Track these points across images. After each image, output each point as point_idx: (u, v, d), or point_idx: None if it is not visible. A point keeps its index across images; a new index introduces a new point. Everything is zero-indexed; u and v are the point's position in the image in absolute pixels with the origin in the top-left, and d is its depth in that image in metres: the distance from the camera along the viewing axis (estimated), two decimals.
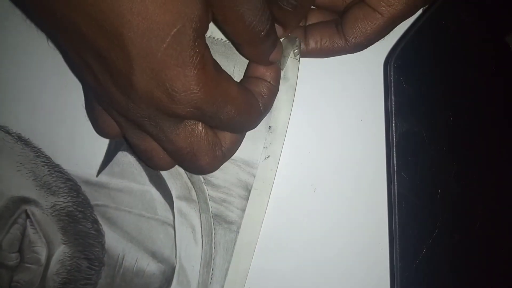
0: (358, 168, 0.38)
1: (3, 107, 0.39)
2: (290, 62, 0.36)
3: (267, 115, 0.36)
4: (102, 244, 0.38)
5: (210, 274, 0.38)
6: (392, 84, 0.34)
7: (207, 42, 0.36)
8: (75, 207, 0.38)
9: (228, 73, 0.36)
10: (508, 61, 0.35)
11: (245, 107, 0.31)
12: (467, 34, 0.35)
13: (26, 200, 0.38)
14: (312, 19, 0.37)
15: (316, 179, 0.38)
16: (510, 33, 0.35)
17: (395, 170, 0.34)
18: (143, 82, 0.26)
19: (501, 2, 0.36)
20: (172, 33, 0.25)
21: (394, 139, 0.34)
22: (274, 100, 0.35)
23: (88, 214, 0.38)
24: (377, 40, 0.35)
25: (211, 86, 0.27)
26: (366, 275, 0.37)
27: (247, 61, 0.37)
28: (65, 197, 0.38)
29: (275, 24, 0.34)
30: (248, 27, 0.29)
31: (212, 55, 0.29)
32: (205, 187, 0.38)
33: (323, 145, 0.38)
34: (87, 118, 0.37)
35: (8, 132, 0.39)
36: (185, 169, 0.37)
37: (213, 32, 0.37)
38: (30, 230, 0.38)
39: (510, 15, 0.36)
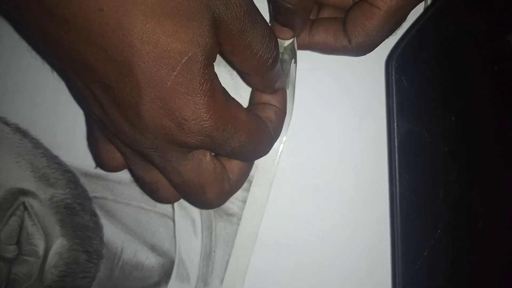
0: (359, 168, 0.38)
1: (1, 98, 0.38)
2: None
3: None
4: (100, 237, 0.38)
5: (210, 267, 0.38)
6: (394, 83, 0.34)
7: None
8: (73, 199, 0.38)
9: (229, 73, 0.36)
10: (509, 61, 0.35)
11: (255, 133, 0.30)
12: (468, 33, 0.35)
13: (24, 192, 0.38)
14: (324, 15, 0.36)
15: (317, 179, 0.38)
16: (511, 32, 0.36)
17: (396, 170, 0.34)
18: (152, 112, 0.25)
19: (501, 1, 0.36)
20: (183, 61, 0.25)
21: (395, 138, 0.34)
22: (283, 124, 0.34)
23: (87, 207, 0.38)
24: (380, 40, 0.34)
25: (221, 113, 0.27)
26: (367, 276, 0.37)
27: None
28: (64, 189, 0.38)
29: (283, 28, 0.34)
30: (256, 56, 0.29)
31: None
32: None
33: (324, 145, 0.38)
34: None
35: (6, 123, 0.38)
36: (191, 202, 0.36)
37: None
38: (28, 222, 0.37)
39: (511, 14, 0.36)
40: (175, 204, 0.38)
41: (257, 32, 0.28)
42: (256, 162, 0.37)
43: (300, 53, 0.36)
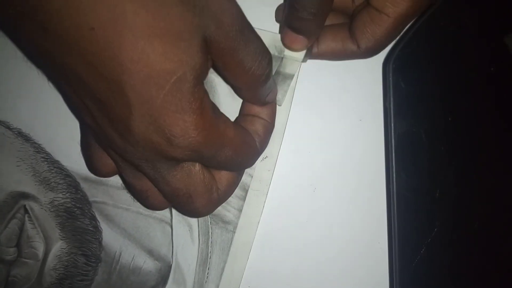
0: (357, 168, 0.38)
1: (4, 103, 0.39)
2: (290, 62, 0.36)
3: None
4: (99, 241, 0.38)
5: (206, 273, 0.37)
6: (391, 84, 0.34)
7: None
8: (73, 203, 0.38)
9: None
10: (507, 62, 0.35)
11: (242, 147, 0.31)
12: (466, 34, 0.35)
13: (25, 195, 0.38)
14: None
15: (316, 179, 0.38)
16: (509, 34, 0.35)
17: (394, 170, 0.34)
18: (141, 127, 0.26)
19: (500, 2, 0.36)
20: (172, 80, 0.25)
21: (393, 139, 0.34)
22: (270, 137, 0.35)
23: (86, 211, 0.39)
24: (389, 43, 0.35)
25: (209, 130, 0.27)
26: (365, 275, 0.37)
27: None
28: (64, 193, 0.38)
29: (298, 36, 0.34)
30: (248, 73, 0.29)
31: None
32: None
33: (322, 145, 0.38)
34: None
35: (8, 127, 0.39)
36: (179, 211, 0.37)
37: None
38: (28, 225, 0.38)
39: (509, 15, 0.36)
40: (173, 210, 0.38)
41: (249, 50, 0.28)
42: (252, 171, 0.37)
43: None
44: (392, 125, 0.34)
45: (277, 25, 0.38)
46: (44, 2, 0.23)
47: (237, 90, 0.34)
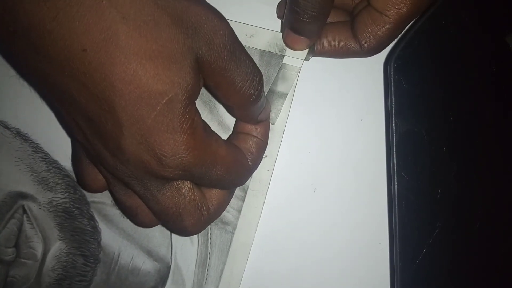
0: (358, 168, 0.38)
1: (2, 102, 0.39)
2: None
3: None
4: (98, 241, 0.38)
5: (205, 274, 0.37)
6: (392, 84, 0.34)
7: None
8: (72, 203, 0.38)
9: None
10: (508, 61, 0.35)
11: (233, 166, 0.31)
12: (467, 34, 0.35)
13: (23, 195, 0.38)
14: None
15: (316, 179, 0.38)
16: (510, 33, 0.35)
17: (395, 170, 0.34)
18: (132, 147, 0.26)
19: (501, 2, 0.36)
20: (164, 101, 0.25)
21: (394, 139, 0.34)
22: (263, 155, 0.35)
23: (85, 211, 0.38)
24: (390, 43, 0.35)
25: (200, 150, 0.27)
26: (366, 275, 0.37)
27: None
28: (62, 193, 0.38)
29: (300, 37, 0.34)
30: (239, 92, 0.29)
31: None
32: None
33: (323, 145, 0.38)
34: None
35: (6, 127, 0.39)
36: (168, 229, 0.37)
37: None
38: (26, 226, 0.38)
39: (510, 15, 0.35)
40: None
41: (240, 70, 0.28)
42: None
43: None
44: (393, 124, 0.34)
45: (278, 23, 0.38)
46: (36, 23, 0.23)
47: (229, 109, 0.34)
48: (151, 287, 0.38)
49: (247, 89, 0.29)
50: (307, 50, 0.35)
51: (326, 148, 0.38)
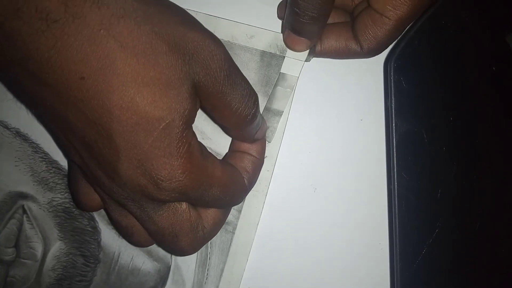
0: (358, 168, 0.38)
1: (2, 102, 0.39)
2: (291, 62, 0.36)
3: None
4: (98, 241, 0.38)
5: (205, 274, 0.37)
6: (392, 84, 0.34)
7: None
8: (72, 203, 0.38)
9: None
10: (508, 61, 0.35)
11: (230, 187, 0.31)
12: (467, 34, 0.35)
13: (23, 196, 0.38)
14: None
15: (316, 179, 0.38)
16: (510, 33, 0.35)
17: (395, 170, 0.34)
18: (129, 171, 0.26)
19: (501, 2, 0.36)
20: (161, 127, 0.25)
21: (394, 139, 0.34)
22: (259, 173, 0.35)
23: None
24: (391, 43, 0.35)
25: (197, 173, 0.28)
26: (366, 275, 0.37)
27: (246, 62, 0.37)
28: (62, 193, 0.38)
29: (300, 38, 0.34)
30: (235, 113, 0.29)
31: None
32: None
33: (323, 145, 0.38)
34: None
35: (6, 127, 0.39)
36: (164, 248, 0.37)
37: (215, 31, 0.37)
38: (26, 226, 0.38)
39: (510, 15, 0.35)
40: None
41: (236, 92, 0.29)
42: None
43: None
44: (393, 124, 0.34)
45: (279, 24, 0.38)
46: (34, 52, 0.23)
47: (226, 130, 0.35)
48: (151, 287, 0.38)
49: (243, 111, 0.30)
50: (307, 51, 0.35)
51: (326, 148, 0.38)
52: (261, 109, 0.37)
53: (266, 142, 0.36)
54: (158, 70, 0.25)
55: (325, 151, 0.38)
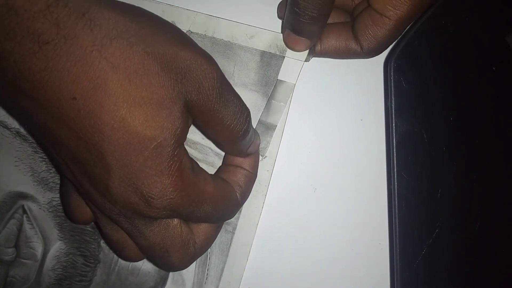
0: (358, 168, 0.38)
1: None
2: (291, 63, 0.36)
3: (265, 116, 0.36)
4: (98, 241, 0.38)
5: (205, 274, 0.37)
6: (392, 84, 0.34)
7: (208, 42, 0.36)
8: None
9: (228, 73, 0.37)
10: (508, 61, 0.35)
11: (222, 202, 0.31)
12: (467, 34, 0.35)
13: (23, 196, 0.38)
14: None
15: (316, 179, 0.38)
16: (510, 33, 0.35)
17: (395, 170, 0.34)
18: (120, 188, 0.26)
19: (501, 2, 0.36)
20: (152, 146, 0.26)
21: (394, 139, 0.34)
22: (252, 187, 0.35)
23: None
24: (391, 43, 0.35)
25: (188, 190, 0.28)
26: (366, 275, 0.37)
27: (246, 62, 0.37)
28: None
29: (300, 38, 0.34)
30: (227, 129, 0.30)
31: (212, 55, 0.29)
32: None
33: (323, 145, 0.38)
34: None
35: (6, 127, 0.39)
36: (154, 264, 0.37)
37: (215, 32, 0.37)
38: (26, 226, 0.38)
39: (510, 15, 0.35)
40: None
41: (229, 109, 0.29)
42: None
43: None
44: (393, 124, 0.34)
45: (279, 24, 0.38)
46: (26, 72, 0.23)
47: (218, 144, 0.35)
48: (151, 287, 0.38)
49: (235, 127, 0.30)
50: (307, 51, 0.35)
51: (326, 148, 0.38)
52: (259, 109, 0.37)
53: (260, 156, 0.36)
54: (150, 90, 0.25)
55: (325, 151, 0.38)
